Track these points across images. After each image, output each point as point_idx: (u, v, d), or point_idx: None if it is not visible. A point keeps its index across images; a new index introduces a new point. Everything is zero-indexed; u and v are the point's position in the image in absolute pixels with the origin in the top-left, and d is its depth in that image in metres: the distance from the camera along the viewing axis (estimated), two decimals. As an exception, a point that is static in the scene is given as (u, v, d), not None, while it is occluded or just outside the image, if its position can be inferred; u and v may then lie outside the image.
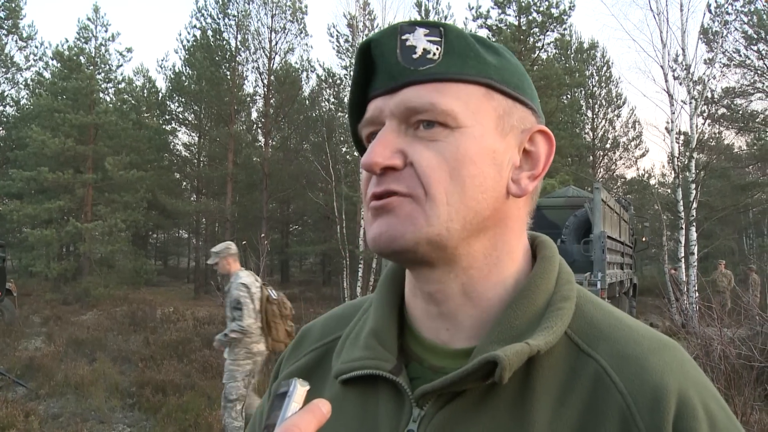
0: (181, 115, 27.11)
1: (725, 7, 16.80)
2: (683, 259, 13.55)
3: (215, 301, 13.14)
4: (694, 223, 13.63)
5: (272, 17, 23.62)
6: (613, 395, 0.55)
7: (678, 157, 14.15)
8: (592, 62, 28.09)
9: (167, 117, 27.15)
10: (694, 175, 13.74)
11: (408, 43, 0.60)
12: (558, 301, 0.61)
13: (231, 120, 24.08)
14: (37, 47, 26.98)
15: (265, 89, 24.30)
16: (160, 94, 28.08)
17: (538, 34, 21.11)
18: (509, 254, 0.64)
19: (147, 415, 6.13)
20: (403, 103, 0.59)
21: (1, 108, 26.58)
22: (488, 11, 20.87)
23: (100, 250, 19.72)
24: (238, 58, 24.09)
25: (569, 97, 24.97)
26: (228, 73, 24.08)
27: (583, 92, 27.38)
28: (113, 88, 24.66)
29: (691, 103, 14.06)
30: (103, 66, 23.35)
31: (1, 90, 25.82)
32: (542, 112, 0.68)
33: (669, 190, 25.30)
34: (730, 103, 19.09)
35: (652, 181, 31.16)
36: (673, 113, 14.11)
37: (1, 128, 27.10)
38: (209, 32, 24.15)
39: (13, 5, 22.80)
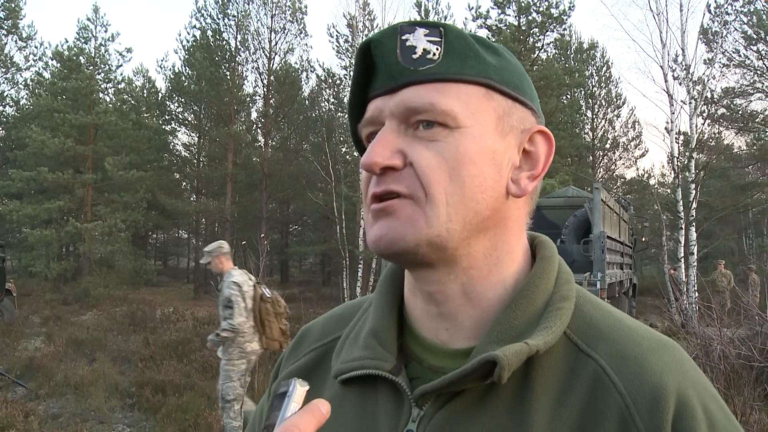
0: (180, 116, 27.12)
1: (725, 7, 16.81)
2: (683, 259, 13.56)
3: (215, 302, 13.12)
4: (694, 223, 13.63)
5: (272, 17, 23.63)
6: (612, 395, 0.55)
7: (678, 157, 14.15)
8: (592, 62, 28.10)
9: (167, 117, 27.16)
10: (693, 175, 13.75)
11: (408, 44, 0.60)
12: (557, 301, 0.61)
13: (231, 120, 24.08)
14: (36, 47, 27.05)
15: (265, 89, 24.31)
16: (160, 95, 28.09)
17: (538, 35, 21.11)
18: (509, 254, 0.64)
19: (147, 415, 6.13)
20: (403, 103, 0.59)
21: (1, 108, 26.59)
22: (488, 11, 20.88)
23: (99, 250, 19.71)
24: (237, 59, 24.10)
25: (569, 97, 24.97)
26: (228, 74, 24.08)
27: (583, 92, 27.38)
28: (113, 89, 24.68)
29: (690, 103, 14.06)
30: (102, 66, 23.35)
31: (1, 90, 25.84)
32: (542, 113, 0.68)
33: (669, 190, 25.32)
34: (729, 103, 19.09)
35: (652, 181, 31.19)
36: (673, 113, 14.11)
37: (0, 128, 27.10)
38: (209, 32, 24.16)
39: (13, 5, 22.79)
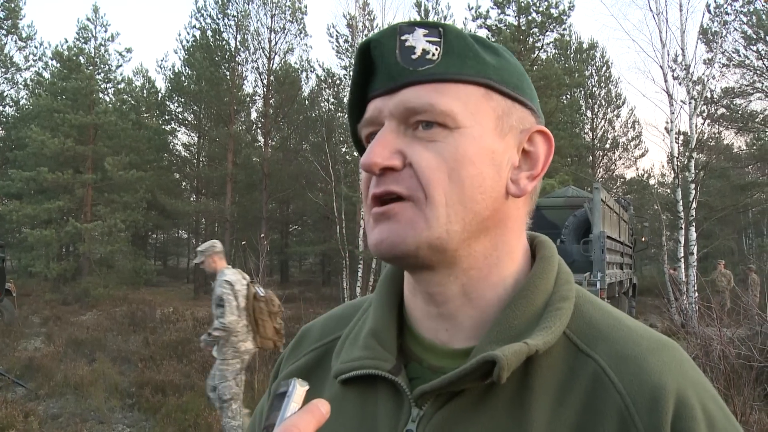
0: (180, 116, 27.12)
1: (724, 7, 16.81)
2: (683, 259, 13.56)
3: (214, 302, 13.11)
4: (694, 223, 13.63)
5: (272, 17, 23.63)
6: (612, 395, 0.55)
7: (677, 157, 14.15)
8: (592, 62, 28.10)
9: (167, 117, 27.16)
10: (693, 175, 13.75)
11: (407, 44, 0.60)
12: (557, 301, 0.61)
13: (230, 120, 24.08)
14: (36, 47, 27.04)
15: (265, 89, 24.31)
16: (160, 95, 28.09)
17: (538, 35, 21.11)
18: (509, 254, 0.64)
19: (146, 415, 6.13)
20: (402, 104, 0.59)
21: (1, 108, 26.59)
22: (488, 11, 20.89)
23: (99, 250, 19.71)
24: (237, 59, 24.09)
25: (569, 97, 24.98)
26: (227, 74, 24.08)
27: (583, 92, 27.39)
28: (113, 89, 24.69)
29: (690, 103, 14.06)
30: (102, 66, 23.35)
31: (1, 90, 25.83)
32: (542, 113, 0.68)
33: (668, 190, 25.32)
34: (729, 103, 19.10)
35: (652, 181, 31.19)
36: (673, 113, 14.11)
37: (0, 128, 27.10)
38: (209, 32, 24.15)
39: (13, 5, 22.78)
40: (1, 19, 22.94)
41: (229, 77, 24.01)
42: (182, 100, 26.17)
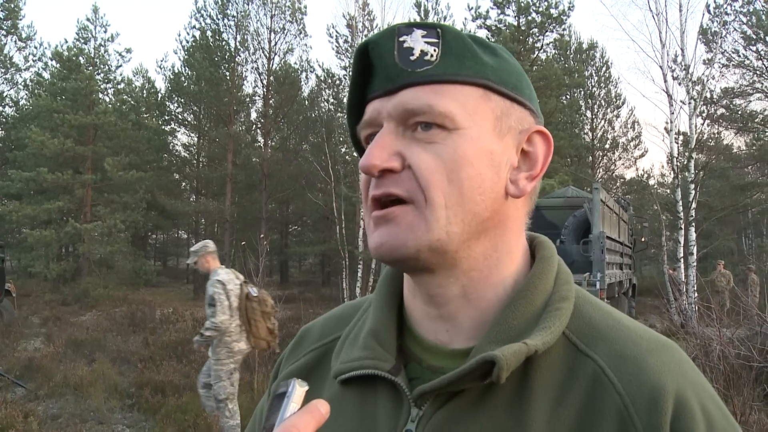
0: (180, 116, 27.12)
1: (724, 7, 16.82)
2: (682, 260, 13.55)
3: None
4: (693, 224, 13.63)
5: (271, 18, 23.64)
6: (611, 395, 0.55)
7: (677, 158, 14.15)
8: (592, 62, 28.11)
9: (166, 117, 27.17)
10: (693, 176, 13.75)
11: (405, 45, 0.60)
12: (556, 301, 0.62)
13: (230, 120, 24.08)
14: (36, 48, 27.04)
15: (265, 90, 24.31)
16: (160, 95, 28.10)
17: (538, 35, 21.13)
18: (509, 255, 0.64)
19: (146, 415, 6.13)
20: (401, 105, 0.59)
21: (1, 108, 26.58)
22: (487, 11, 20.91)
23: (99, 250, 19.71)
24: (237, 59, 24.09)
25: (568, 97, 24.99)
26: (227, 74, 24.09)
27: (583, 92, 27.39)
28: (112, 89, 24.69)
29: (690, 104, 14.06)
30: (102, 66, 23.36)
31: (1, 90, 25.81)
32: (541, 113, 0.68)
33: (668, 191, 25.32)
34: (729, 103, 19.11)
35: (652, 182, 31.20)
36: (672, 113, 14.11)
37: (0, 129, 27.09)
38: (208, 33, 24.16)
39: (13, 6, 22.78)
40: (0, 20, 22.94)
41: (228, 77, 24.01)
42: (182, 100, 26.17)
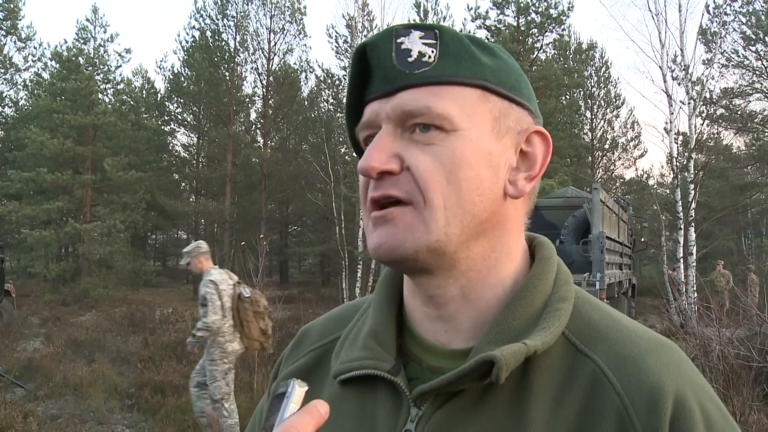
0: (179, 116, 27.12)
1: (724, 7, 16.83)
2: (682, 260, 13.56)
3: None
4: (693, 224, 13.63)
5: (271, 18, 23.65)
6: (610, 395, 0.56)
7: (677, 158, 14.15)
8: (591, 63, 28.12)
9: (166, 118, 27.16)
10: (692, 176, 13.75)
11: (403, 47, 0.60)
12: (556, 301, 0.62)
13: (230, 121, 24.08)
14: (35, 48, 27.09)
15: (264, 90, 24.31)
16: (159, 95, 28.10)
17: (537, 35, 21.14)
18: (508, 255, 0.64)
19: (146, 416, 6.13)
20: (399, 107, 0.59)
21: (0, 109, 26.58)
22: (487, 12, 20.93)
23: (98, 251, 19.71)
24: (236, 59, 24.10)
25: (568, 97, 25.00)
26: (227, 74, 24.09)
27: (582, 93, 27.40)
28: (112, 89, 24.69)
29: (689, 104, 14.06)
30: (101, 67, 23.35)
31: (0, 91, 25.81)
32: (540, 113, 0.68)
33: (668, 191, 25.34)
34: (728, 103, 19.11)
35: (651, 182, 31.24)
36: (672, 114, 14.11)
37: (-1, 129, 27.11)
38: (208, 33, 24.16)
39: (12, 6, 22.78)
40: (0, 20, 22.94)
41: (228, 78, 24.02)
42: (181, 100, 26.17)
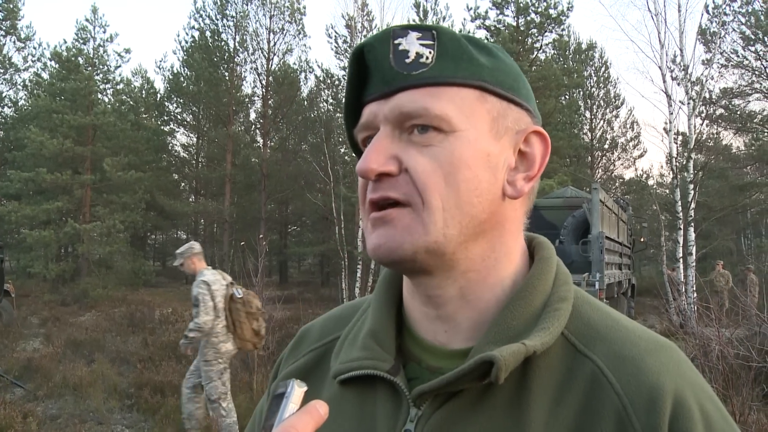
0: (179, 116, 27.13)
1: (723, 7, 16.85)
2: (681, 260, 13.56)
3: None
4: (692, 224, 13.63)
5: (270, 18, 23.65)
6: (610, 395, 0.56)
7: (676, 158, 14.15)
8: (591, 63, 28.14)
9: (165, 118, 27.17)
10: (692, 176, 13.75)
11: (401, 48, 0.60)
12: (555, 302, 0.62)
13: (229, 121, 24.08)
14: (35, 48, 27.12)
15: (264, 90, 24.31)
16: (159, 95, 28.10)
17: (537, 35, 21.15)
18: (507, 255, 0.64)
19: (145, 416, 6.12)
20: (397, 108, 0.59)
21: (0, 109, 26.57)
22: (486, 12, 20.93)
23: (98, 251, 19.70)
24: (236, 59, 24.11)
25: (567, 97, 25.01)
26: (226, 74, 24.09)
27: (582, 93, 27.42)
28: (111, 89, 24.69)
29: (689, 104, 14.06)
30: (101, 67, 23.35)
31: (0, 91, 25.81)
32: (539, 113, 0.68)
33: (667, 191, 25.36)
34: (728, 103, 19.12)
35: (651, 182, 31.28)
36: (672, 114, 14.11)
37: (-1, 129, 27.09)
38: (207, 33, 24.17)
39: (11, 6, 22.77)
40: (-1, 20, 22.94)
41: (227, 78, 24.02)
42: (181, 100, 26.18)
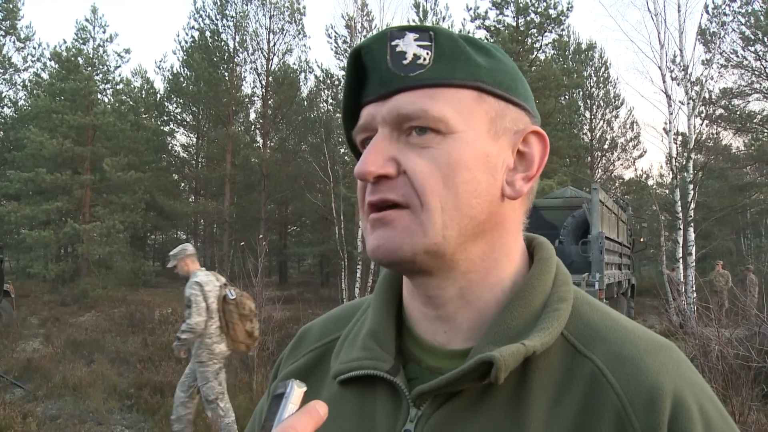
0: (179, 116, 27.14)
1: (723, 8, 16.85)
2: (681, 260, 13.56)
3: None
4: (692, 224, 13.63)
5: (270, 18, 23.65)
6: (609, 395, 0.56)
7: (676, 158, 14.15)
8: (590, 63, 28.15)
9: (165, 118, 27.17)
10: (692, 176, 13.75)
11: (398, 49, 0.60)
12: (555, 302, 0.62)
13: (229, 121, 24.08)
14: (35, 48, 27.05)
15: (263, 90, 24.31)
16: (158, 95, 28.10)
17: (536, 35, 21.15)
18: (507, 256, 0.64)
19: (145, 416, 6.12)
20: (395, 110, 0.59)
21: (0, 109, 26.58)
22: (486, 12, 20.92)
23: (98, 251, 19.69)
24: (236, 59, 24.11)
25: (567, 97, 25.02)
26: (226, 74, 24.10)
27: (581, 93, 27.43)
28: (111, 89, 24.67)
29: (688, 104, 14.06)
30: (101, 67, 23.34)
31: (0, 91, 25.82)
32: (539, 113, 0.68)
33: (667, 191, 25.36)
34: (727, 103, 19.13)
35: (650, 182, 31.29)
36: (671, 114, 14.11)
37: (-2, 129, 27.08)
38: (207, 33, 24.17)
39: (11, 6, 22.77)
40: (-1, 20, 22.93)
41: (227, 78, 24.03)
42: (181, 100, 26.18)
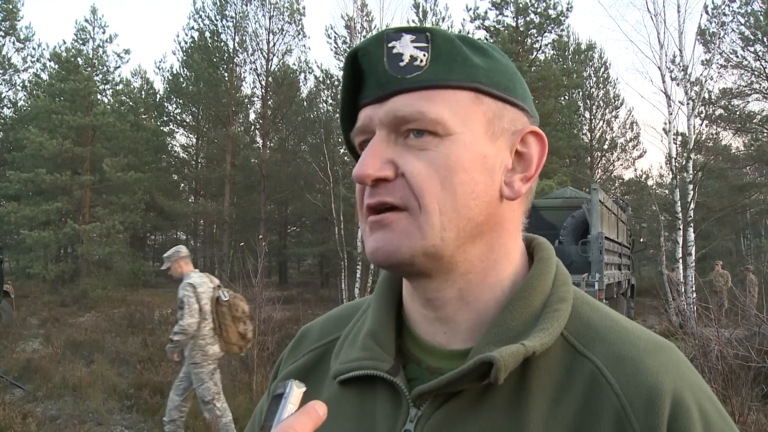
0: (178, 117, 27.13)
1: (722, 8, 16.85)
2: (681, 260, 13.56)
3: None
4: (692, 224, 13.64)
5: (270, 19, 23.66)
6: (609, 396, 0.56)
7: (675, 158, 14.15)
8: (590, 63, 28.16)
9: (165, 118, 27.17)
10: (691, 176, 13.75)
11: (395, 51, 0.60)
12: (554, 302, 0.62)
13: (229, 121, 24.08)
14: (34, 49, 27.01)
15: (263, 91, 24.32)
16: (158, 96, 28.10)
17: (536, 36, 21.16)
18: (506, 256, 0.64)
19: (145, 416, 6.12)
20: (393, 112, 0.59)
21: (-1, 109, 26.57)
22: (486, 12, 20.93)
23: (98, 251, 19.70)
24: (235, 60, 24.12)
25: (567, 98, 25.03)
26: (226, 75, 24.10)
27: (581, 93, 27.44)
28: (111, 90, 24.68)
29: (688, 104, 14.06)
30: (100, 67, 23.35)
31: (-1, 91, 25.80)
32: (538, 113, 0.68)
33: (667, 191, 25.37)
34: (727, 104, 19.14)
35: (650, 182, 31.31)
36: (671, 114, 14.11)
37: (-2, 130, 27.07)
38: (207, 34, 24.18)
39: (11, 6, 22.77)
40: (-1, 21, 22.93)
41: (227, 78, 24.04)
42: (180, 101, 26.18)
